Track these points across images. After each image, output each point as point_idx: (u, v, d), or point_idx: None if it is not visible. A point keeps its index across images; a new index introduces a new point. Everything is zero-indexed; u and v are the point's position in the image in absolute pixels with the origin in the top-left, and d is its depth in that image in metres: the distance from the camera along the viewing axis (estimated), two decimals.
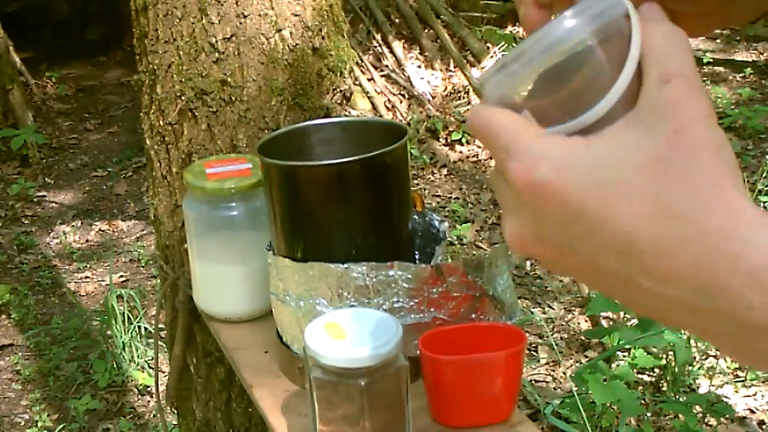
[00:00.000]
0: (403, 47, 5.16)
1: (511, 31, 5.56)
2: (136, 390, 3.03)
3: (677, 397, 2.65)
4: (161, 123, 1.35)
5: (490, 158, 4.58)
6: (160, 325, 1.51)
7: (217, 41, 1.28)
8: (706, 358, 2.86)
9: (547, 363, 2.98)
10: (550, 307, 3.33)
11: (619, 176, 0.41)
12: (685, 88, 0.41)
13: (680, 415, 2.41)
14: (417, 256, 1.04)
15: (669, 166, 0.40)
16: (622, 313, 2.75)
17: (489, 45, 5.17)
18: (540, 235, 0.44)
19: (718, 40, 5.80)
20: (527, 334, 0.74)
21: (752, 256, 0.39)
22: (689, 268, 0.40)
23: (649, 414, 2.55)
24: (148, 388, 2.99)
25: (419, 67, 5.13)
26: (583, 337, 3.10)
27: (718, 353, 2.93)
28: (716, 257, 0.39)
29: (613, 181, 0.41)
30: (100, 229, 4.24)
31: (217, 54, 1.29)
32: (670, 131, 0.40)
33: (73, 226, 4.26)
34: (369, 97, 4.79)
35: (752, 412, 2.69)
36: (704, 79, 5.25)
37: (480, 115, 0.45)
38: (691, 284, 0.40)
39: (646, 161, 0.40)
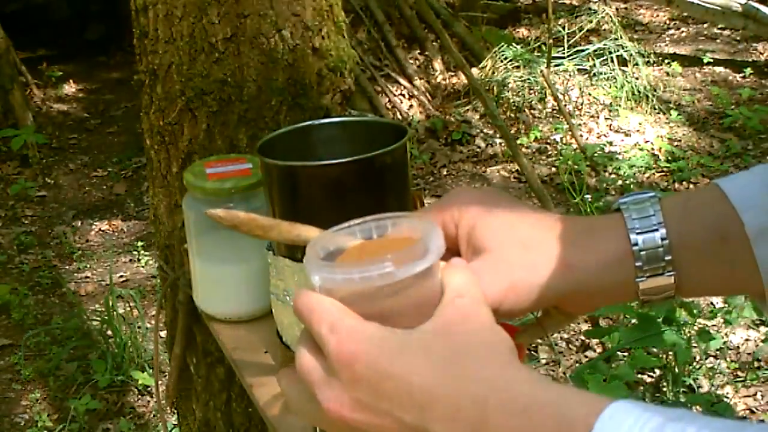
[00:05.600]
0: (403, 47, 5.16)
1: (510, 31, 5.57)
2: (136, 390, 3.03)
3: (677, 397, 2.65)
4: (161, 123, 1.35)
5: (491, 157, 4.59)
6: (160, 325, 1.51)
7: (217, 41, 1.28)
8: (706, 359, 2.86)
9: (547, 363, 2.98)
10: None
11: (425, 352, 0.53)
12: (474, 301, 0.57)
13: None
14: None
15: (458, 346, 0.54)
16: (622, 314, 2.75)
17: (489, 45, 5.17)
18: (357, 399, 0.54)
19: (718, 41, 5.81)
20: None
21: (520, 399, 0.51)
22: (470, 410, 0.51)
23: None
24: (148, 388, 2.99)
25: (419, 67, 5.14)
26: (583, 337, 3.10)
27: (719, 353, 2.93)
28: (488, 398, 0.51)
29: (420, 355, 0.53)
30: (100, 229, 4.24)
31: (217, 54, 1.29)
32: (456, 328, 0.55)
33: (73, 226, 4.26)
34: (369, 97, 4.79)
35: (752, 412, 2.69)
36: (704, 79, 5.25)
37: (309, 297, 0.57)
38: (471, 423, 0.51)
39: (441, 341, 0.54)
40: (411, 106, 4.88)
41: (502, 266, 0.63)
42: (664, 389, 2.72)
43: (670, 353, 2.73)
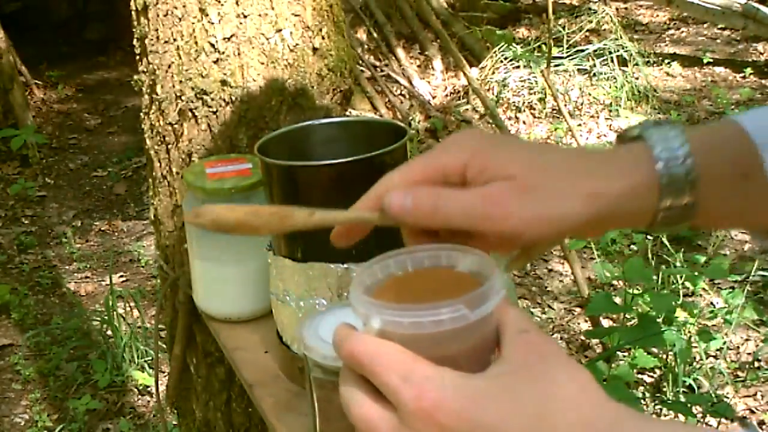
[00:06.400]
0: (404, 47, 5.16)
1: (510, 31, 5.56)
2: (136, 390, 3.03)
3: (677, 397, 2.65)
4: (161, 123, 1.35)
5: None
6: (160, 325, 1.51)
7: (217, 41, 1.28)
8: (706, 359, 2.86)
9: None
10: (550, 307, 3.33)
11: (512, 396, 0.50)
12: (539, 334, 0.54)
13: (680, 416, 2.41)
14: None
15: (546, 387, 0.50)
16: (622, 313, 2.75)
17: (489, 45, 5.17)
18: None
19: (719, 41, 5.80)
20: None
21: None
22: None
23: (649, 414, 2.54)
24: (148, 388, 2.99)
25: (419, 66, 5.14)
26: (583, 337, 3.10)
27: (719, 353, 2.93)
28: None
29: (508, 400, 0.50)
30: (100, 229, 4.24)
31: (217, 54, 1.29)
32: (536, 367, 0.52)
33: (73, 226, 4.26)
34: (369, 97, 4.79)
35: (752, 412, 2.69)
36: (704, 79, 5.25)
37: (368, 343, 0.52)
38: None
39: (527, 383, 0.51)
40: (411, 106, 4.88)
41: (528, 194, 0.59)
42: (664, 389, 2.72)
43: (670, 353, 2.73)
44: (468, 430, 0.49)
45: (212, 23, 1.28)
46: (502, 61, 4.90)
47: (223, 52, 1.29)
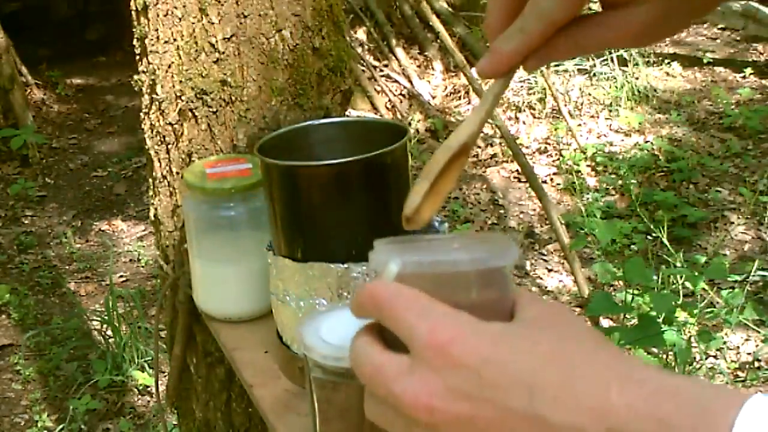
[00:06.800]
0: (404, 47, 5.16)
1: None
2: (136, 390, 3.03)
3: None
4: (161, 123, 1.35)
5: (491, 157, 4.59)
6: (160, 325, 1.51)
7: (217, 41, 1.28)
8: (706, 359, 2.86)
9: None
10: None
11: (528, 339, 0.50)
12: (553, 302, 0.55)
13: None
14: None
15: (562, 334, 0.51)
16: (622, 313, 2.75)
17: (488, 45, 5.17)
18: (452, 388, 0.49)
19: (718, 40, 5.80)
20: None
21: (647, 383, 0.46)
22: (589, 394, 0.46)
23: None
24: (148, 388, 2.99)
25: (419, 66, 5.13)
26: None
27: (719, 353, 2.93)
28: (610, 382, 0.47)
29: (523, 340, 0.50)
30: (100, 229, 4.24)
31: (217, 54, 1.29)
32: (552, 319, 0.52)
33: (73, 226, 4.26)
34: (369, 97, 4.79)
35: None
36: (704, 79, 5.25)
37: (386, 285, 0.53)
38: (591, 408, 0.46)
39: (542, 330, 0.51)
40: (411, 106, 4.88)
41: (668, 21, 0.61)
42: None
43: (670, 353, 2.73)
44: (480, 364, 0.49)
45: (212, 23, 1.28)
46: None
47: (223, 52, 1.29)
